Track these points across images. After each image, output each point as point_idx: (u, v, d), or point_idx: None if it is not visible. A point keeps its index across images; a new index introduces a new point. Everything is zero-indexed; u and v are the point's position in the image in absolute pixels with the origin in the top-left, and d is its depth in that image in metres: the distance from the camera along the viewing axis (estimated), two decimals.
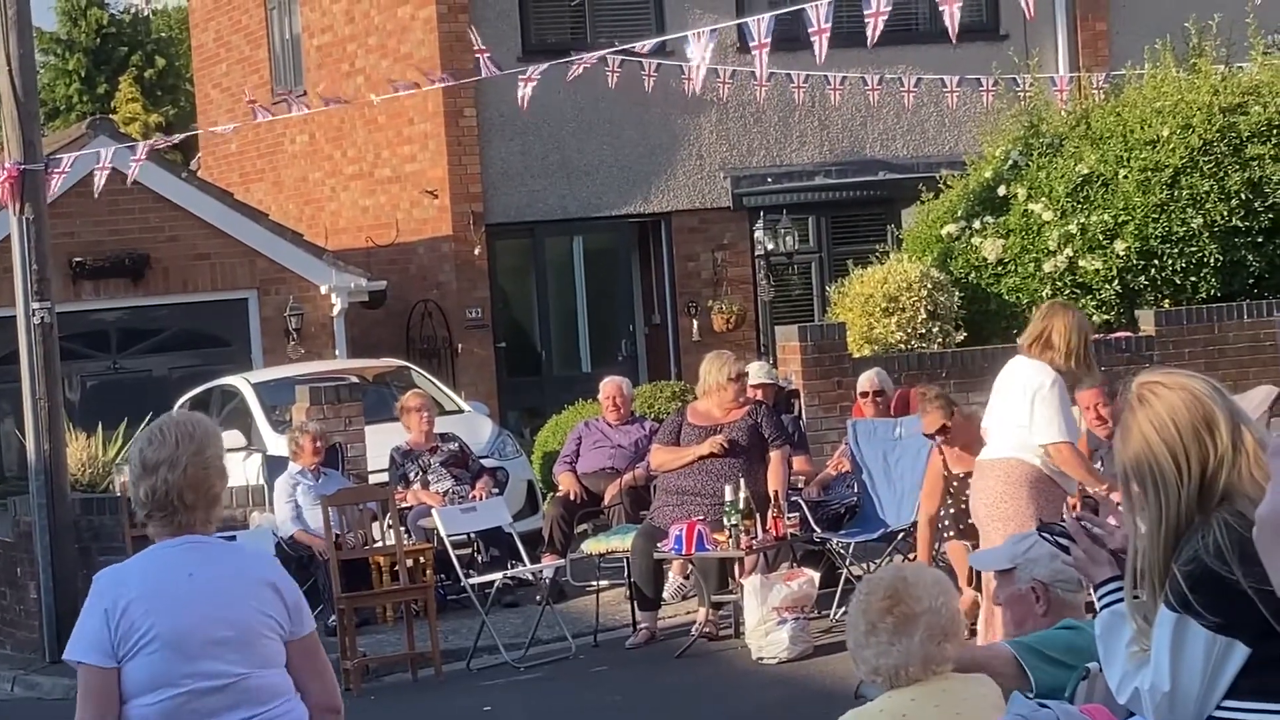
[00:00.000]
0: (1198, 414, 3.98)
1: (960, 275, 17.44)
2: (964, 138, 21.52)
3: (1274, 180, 17.03)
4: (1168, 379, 4.08)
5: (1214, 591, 3.86)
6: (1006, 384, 9.41)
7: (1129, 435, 4.06)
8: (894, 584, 4.66)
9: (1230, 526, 3.88)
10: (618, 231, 22.37)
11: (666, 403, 17.38)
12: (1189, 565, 3.90)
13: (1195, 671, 3.91)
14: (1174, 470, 3.97)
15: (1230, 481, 3.94)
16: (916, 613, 4.59)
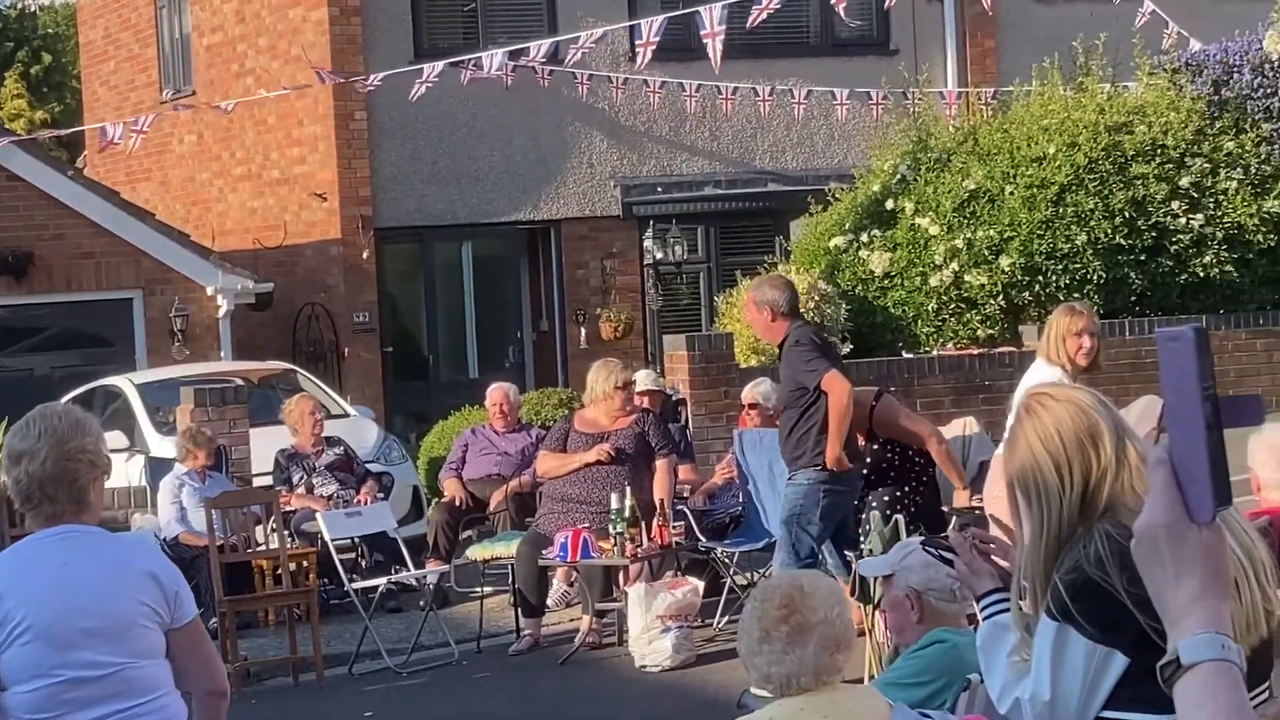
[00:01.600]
0: (1083, 426, 4.03)
1: (847, 288, 17.55)
2: (853, 151, 21.67)
3: (1157, 199, 17.27)
4: (1056, 391, 4.14)
5: (1094, 601, 3.90)
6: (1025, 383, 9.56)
7: (1016, 445, 4.11)
8: (790, 593, 4.68)
9: (1111, 537, 3.93)
10: (507, 238, 22.34)
11: (554, 410, 17.37)
12: (1070, 575, 3.95)
13: (1075, 681, 3.95)
14: (1057, 481, 4.02)
15: (1113, 493, 3.99)
16: (812, 623, 4.61)
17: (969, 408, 15.79)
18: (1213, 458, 1.82)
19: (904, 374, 16.71)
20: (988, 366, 16.87)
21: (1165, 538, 1.83)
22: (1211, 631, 1.80)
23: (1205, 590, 1.82)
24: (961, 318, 17.38)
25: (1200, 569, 1.82)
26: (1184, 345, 1.83)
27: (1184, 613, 1.82)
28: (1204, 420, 1.82)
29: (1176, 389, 1.85)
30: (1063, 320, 9.51)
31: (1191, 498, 1.84)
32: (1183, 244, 17.28)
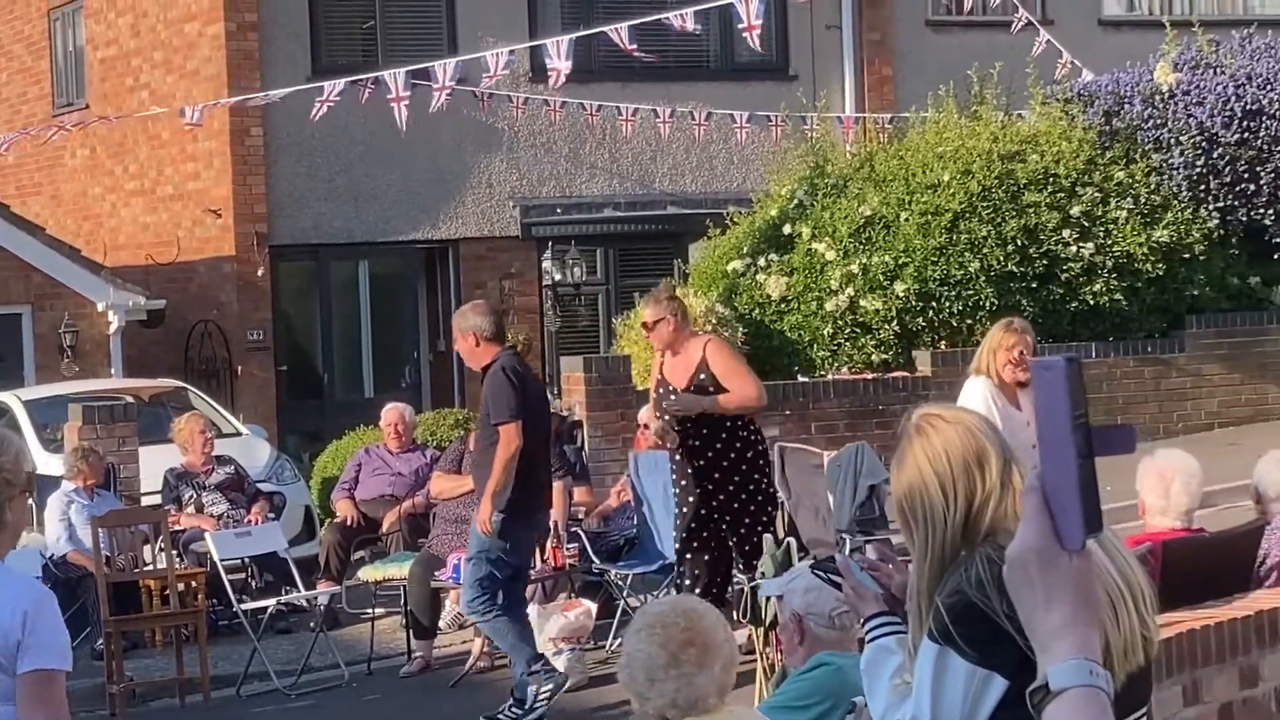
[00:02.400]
0: (970, 450, 4.06)
1: (744, 311, 17.61)
2: (752, 175, 21.76)
3: (1048, 227, 17.44)
4: (946, 413, 4.16)
5: (975, 624, 3.93)
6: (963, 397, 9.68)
7: (904, 465, 4.13)
8: (689, 616, 4.70)
9: (992, 560, 3.96)
10: (404, 257, 22.27)
11: (449, 430, 17.31)
12: (951, 598, 3.98)
13: (955, 704, 3.97)
14: (942, 501, 4.04)
15: (996, 518, 4.02)
16: (716, 643, 4.65)
17: (863, 432, 15.89)
18: (1083, 486, 1.84)
19: (799, 397, 16.78)
20: (882, 391, 16.97)
21: (1036, 564, 1.85)
22: (1080, 658, 1.82)
23: (1075, 617, 1.84)
24: (856, 342, 17.48)
25: (1070, 596, 1.84)
26: (1056, 375, 1.85)
27: (1053, 639, 1.84)
28: (1075, 449, 1.84)
29: (1049, 417, 1.88)
30: (997, 334, 9.68)
31: (1062, 525, 1.86)
32: (1073, 272, 17.46)
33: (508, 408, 9.99)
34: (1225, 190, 17.89)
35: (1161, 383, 17.95)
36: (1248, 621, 6.29)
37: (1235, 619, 6.26)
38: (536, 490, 10.22)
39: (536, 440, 10.24)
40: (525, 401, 10.05)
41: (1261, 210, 17.89)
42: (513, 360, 10.23)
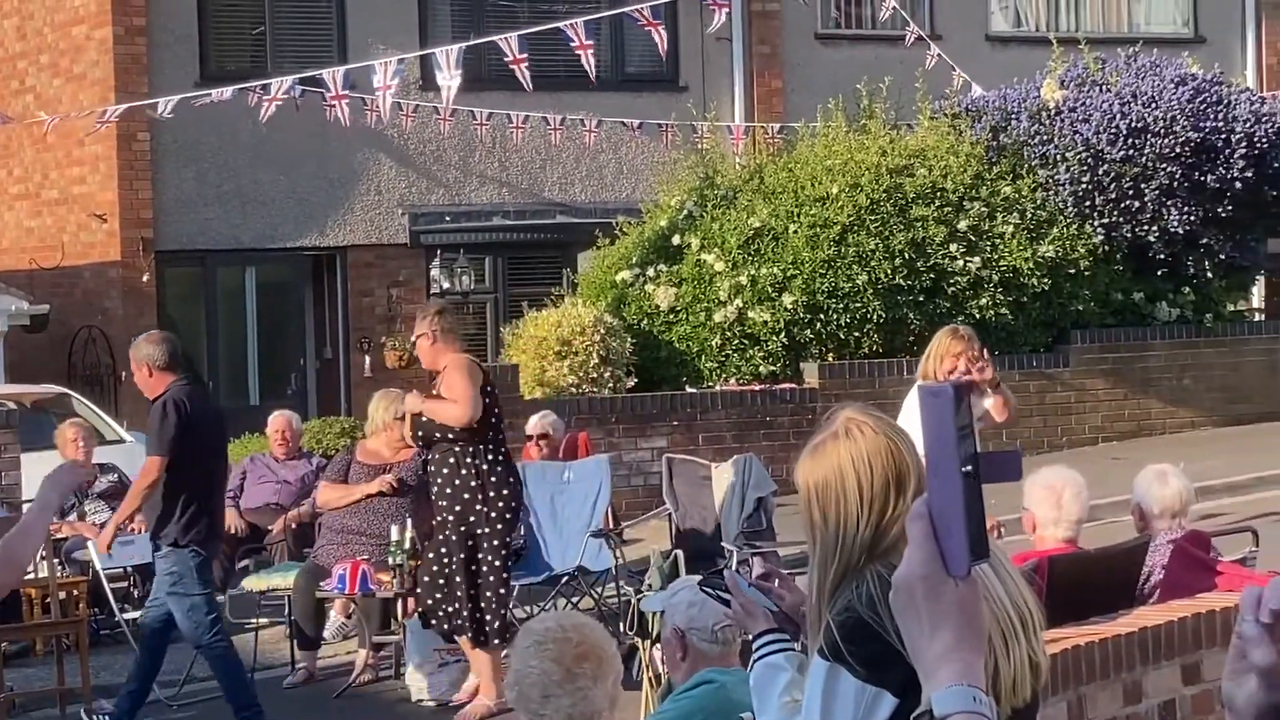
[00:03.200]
0: (892, 466, 4.05)
1: (633, 321, 17.63)
2: (641, 185, 21.79)
3: (936, 241, 17.58)
4: (876, 423, 4.14)
5: (865, 642, 3.93)
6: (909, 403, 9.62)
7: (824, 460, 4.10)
8: (580, 631, 4.69)
9: (883, 578, 3.96)
10: (292, 264, 22.12)
11: (335, 439, 17.21)
12: (842, 615, 3.98)
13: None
14: (857, 509, 4.03)
15: (895, 539, 4.03)
16: (609, 656, 4.65)
17: (750, 443, 15.96)
18: (970, 513, 1.85)
19: (687, 409, 16.82)
20: (769, 402, 17.04)
21: (921, 590, 1.85)
22: (964, 685, 1.82)
23: (959, 643, 1.84)
24: (744, 354, 17.54)
25: (955, 622, 1.84)
26: (944, 401, 1.85)
27: (938, 665, 1.84)
28: (962, 476, 1.84)
29: (936, 444, 1.88)
30: (944, 341, 9.71)
31: (948, 552, 1.86)
32: (960, 286, 17.61)
33: (158, 442, 10.05)
34: (1110, 206, 18.10)
35: (1046, 397, 18.13)
36: (1131, 638, 6.34)
37: (1120, 635, 6.31)
38: (208, 520, 10.20)
39: (208, 470, 10.22)
40: (188, 435, 10.01)
41: (1145, 227, 18.12)
42: (181, 392, 10.20)
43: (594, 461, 13.06)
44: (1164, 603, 6.96)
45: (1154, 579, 7.26)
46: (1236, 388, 18.97)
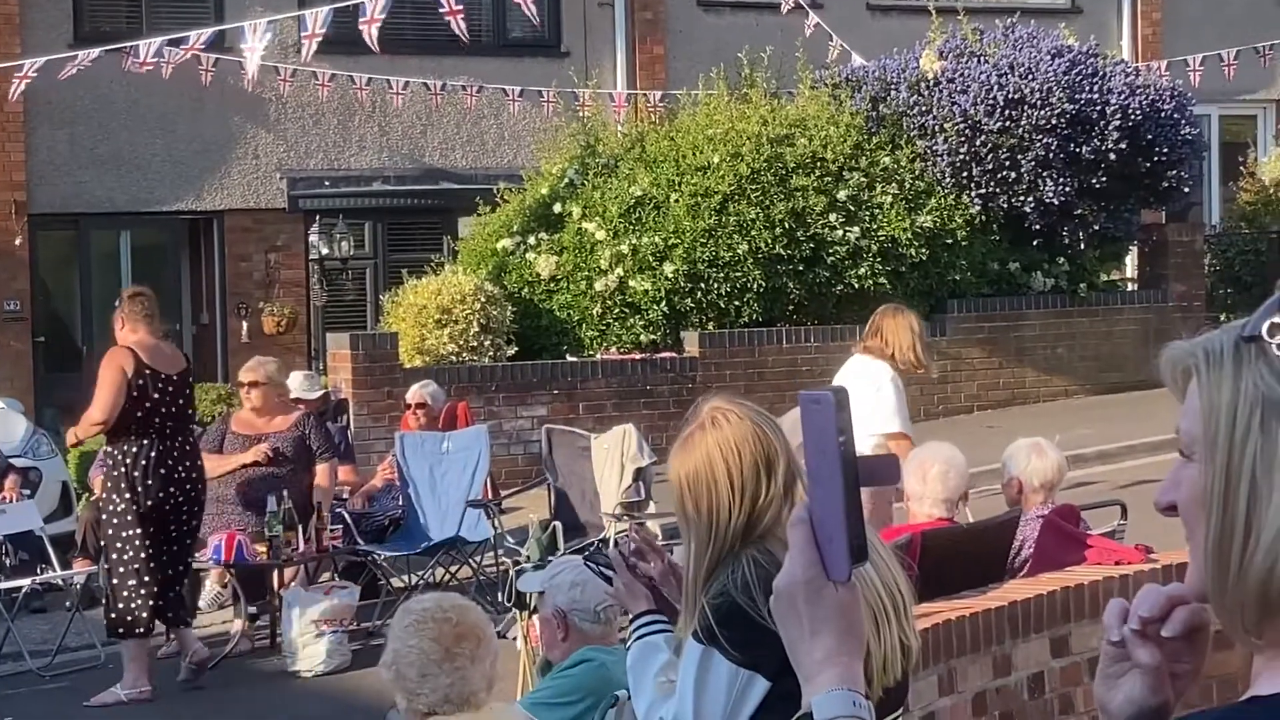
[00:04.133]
0: (760, 451, 4.09)
1: (514, 290, 17.60)
2: (523, 152, 21.72)
3: (815, 211, 17.66)
4: (740, 410, 4.18)
5: (739, 627, 3.97)
6: (853, 374, 9.75)
7: (693, 451, 4.13)
8: (458, 611, 4.70)
9: (758, 563, 4.00)
10: (168, 228, 21.88)
11: (211, 405, 17.09)
12: (717, 599, 4.01)
13: (718, 704, 4.01)
14: (729, 497, 4.07)
15: (769, 524, 4.07)
16: (487, 637, 4.67)
17: (631, 412, 15.99)
18: (850, 518, 1.86)
19: (568, 377, 16.83)
20: (650, 371, 17.09)
21: (802, 596, 1.86)
22: (844, 689, 1.84)
23: (839, 647, 1.86)
24: (625, 322, 17.56)
25: (835, 627, 1.86)
26: (824, 408, 1.87)
27: (818, 669, 1.86)
28: (843, 481, 1.86)
29: (817, 450, 1.89)
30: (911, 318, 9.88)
31: (829, 556, 1.88)
32: (839, 255, 17.71)
33: None
34: (987, 177, 18.26)
35: None
36: (1001, 612, 6.44)
37: (990, 609, 6.40)
38: None
39: None
40: None
41: (1021, 198, 18.29)
42: None
43: (473, 431, 13.05)
44: (1034, 576, 7.07)
45: (1024, 553, 7.36)
46: (1109, 357, 19.22)
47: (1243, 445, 1.60)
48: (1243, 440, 1.60)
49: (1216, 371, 1.64)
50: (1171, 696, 1.76)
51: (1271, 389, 1.60)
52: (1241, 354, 1.63)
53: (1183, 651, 1.76)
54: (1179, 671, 1.77)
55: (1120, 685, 1.79)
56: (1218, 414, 1.63)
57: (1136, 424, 16.37)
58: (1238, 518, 1.60)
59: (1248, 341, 1.63)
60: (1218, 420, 1.62)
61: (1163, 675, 1.76)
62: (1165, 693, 1.76)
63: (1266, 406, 1.59)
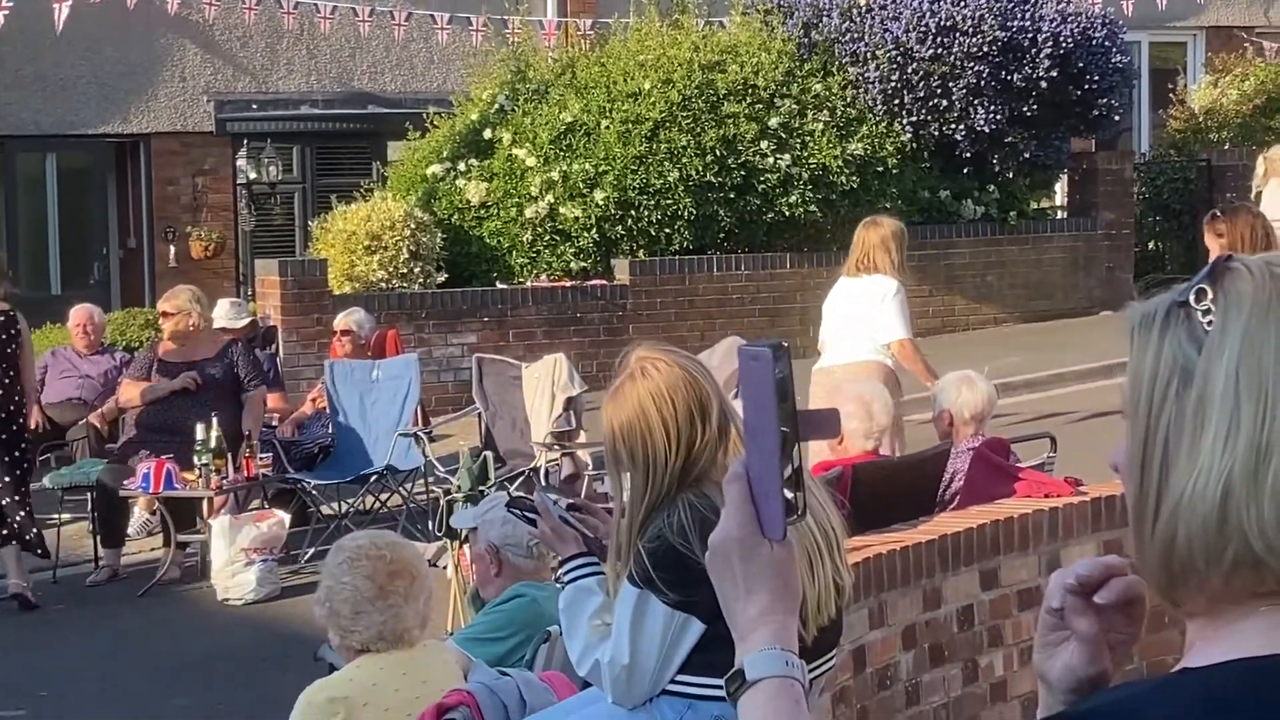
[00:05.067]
0: (693, 396, 4.11)
1: (444, 216, 17.51)
2: (453, 76, 21.58)
3: (747, 138, 17.62)
4: (667, 358, 4.19)
5: (675, 570, 3.98)
6: (850, 296, 9.99)
7: (624, 403, 4.15)
8: (394, 548, 4.70)
9: (694, 506, 4.01)
10: (94, 151, 21.66)
11: (139, 331, 16.96)
12: (653, 543, 4.03)
13: (653, 646, 4.03)
14: (665, 445, 4.09)
15: (704, 467, 4.08)
16: (421, 575, 4.67)
17: (561, 340, 15.97)
18: (787, 475, 1.85)
19: (498, 305, 16.78)
20: (580, 299, 17.05)
21: (737, 553, 1.85)
22: (776, 648, 1.83)
23: (773, 605, 1.85)
24: (556, 250, 17.50)
25: (769, 584, 1.85)
26: (763, 363, 1.85)
27: (751, 627, 1.85)
28: (780, 437, 1.85)
29: (755, 405, 1.87)
30: (898, 232, 10.05)
31: (765, 514, 1.86)
32: (770, 183, 17.69)
33: None
34: (919, 105, 18.26)
35: None
36: (932, 545, 6.47)
37: (920, 543, 6.43)
38: None
39: None
40: None
41: (953, 125, 18.30)
42: None
43: (403, 360, 13.00)
44: (964, 509, 7.11)
45: (954, 485, 7.40)
46: (1039, 284, 19.30)
47: (1159, 411, 1.61)
48: (1159, 406, 1.61)
49: (1145, 335, 1.64)
50: (1109, 666, 1.77)
51: (1188, 357, 1.60)
52: (1170, 319, 1.63)
53: (1119, 621, 1.77)
54: (1115, 642, 1.78)
55: (1058, 654, 1.80)
56: (1140, 378, 1.63)
57: (1065, 352, 16.48)
58: (1150, 484, 1.61)
59: (1179, 307, 1.63)
60: (1140, 384, 1.63)
61: (1101, 645, 1.77)
62: (1103, 662, 1.77)
63: (1182, 374, 1.60)
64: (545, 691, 4.67)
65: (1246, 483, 1.55)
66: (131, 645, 10.37)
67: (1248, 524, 1.55)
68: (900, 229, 10.17)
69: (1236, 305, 1.60)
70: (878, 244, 9.91)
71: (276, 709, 8.04)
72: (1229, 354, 1.58)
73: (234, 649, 10.11)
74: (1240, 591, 1.58)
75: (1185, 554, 1.59)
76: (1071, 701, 1.76)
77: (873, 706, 6.19)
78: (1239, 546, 1.56)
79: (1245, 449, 1.56)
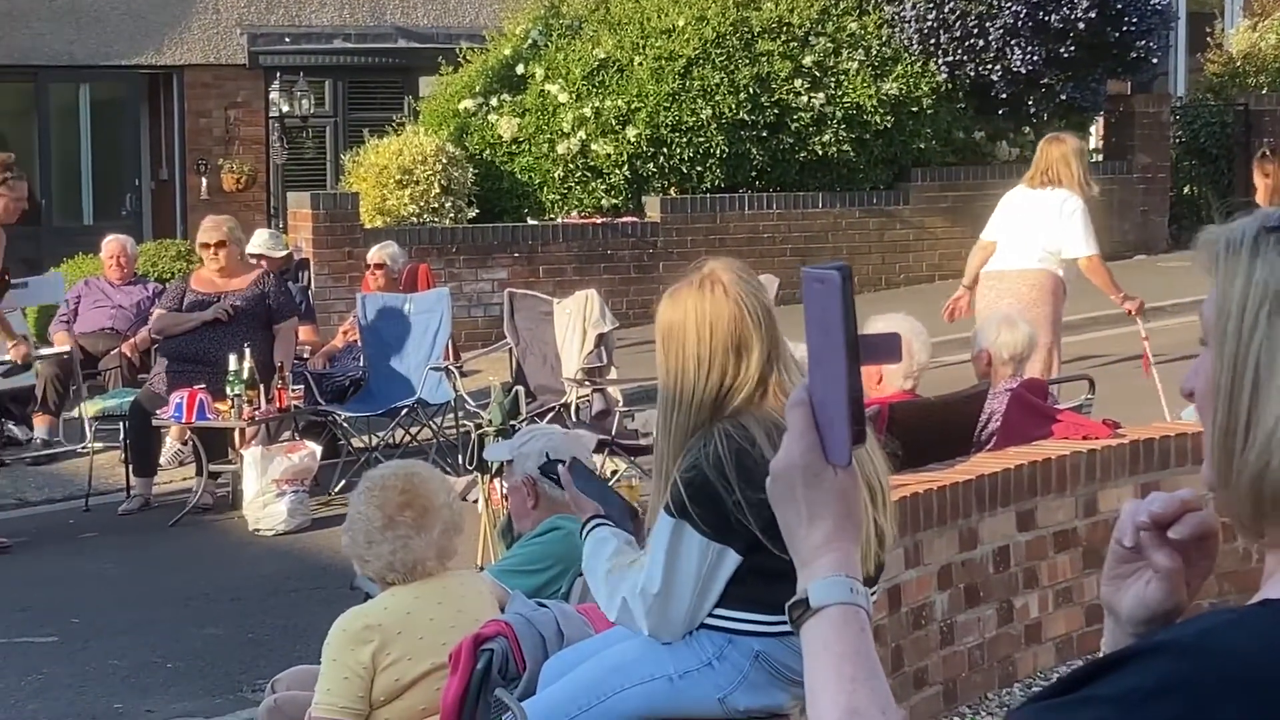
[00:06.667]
0: (733, 333, 4.05)
1: (475, 151, 17.46)
2: (485, 11, 21.50)
3: (781, 76, 17.53)
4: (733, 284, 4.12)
5: (710, 501, 3.96)
6: (1029, 205, 10.24)
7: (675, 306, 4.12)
8: (409, 478, 4.67)
9: (730, 436, 3.98)
10: (127, 82, 21.64)
11: (171, 263, 16.96)
12: (689, 473, 4.00)
13: (689, 575, 4.01)
14: (694, 367, 4.05)
15: (743, 404, 4.04)
16: (435, 506, 4.63)
17: (591, 276, 15.94)
18: (852, 399, 1.82)
19: (529, 241, 16.75)
20: (611, 235, 17.02)
21: (801, 479, 1.83)
22: (841, 575, 1.81)
23: (837, 533, 1.82)
24: (587, 186, 17.46)
25: (833, 511, 1.82)
26: (829, 287, 1.81)
27: (815, 555, 1.82)
28: (845, 362, 1.82)
29: (820, 329, 1.84)
30: (1080, 148, 10.43)
31: (829, 440, 1.83)
32: (803, 122, 17.60)
33: None
34: (954, 45, 18.13)
35: (886, 234, 18.25)
36: (969, 485, 6.44)
37: (957, 483, 6.41)
38: None
39: None
40: None
41: (989, 66, 18.18)
42: None
43: (434, 294, 12.97)
44: (1001, 450, 7.07)
45: (992, 426, 7.36)
46: None
47: (1250, 337, 1.58)
48: (1250, 332, 1.58)
49: (1233, 260, 1.61)
50: (1185, 599, 1.75)
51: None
52: (1260, 244, 1.60)
53: (1193, 555, 1.75)
54: (1189, 575, 1.76)
55: (1129, 586, 1.78)
56: (1229, 303, 1.60)
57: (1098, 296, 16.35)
58: (1239, 411, 1.58)
59: (1269, 232, 1.60)
60: (1228, 310, 1.60)
61: (1179, 579, 1.75)
62: (1180, 595, 1.75)
63: (1275, 300, 1.57)
64: (582, 624, 4.66)
65: None
66: (163, 574, 10.40)
67: None
68: (1081, 146, 10.48)
69: None
70: (1060, 159, 10.15)
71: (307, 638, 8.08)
72: None
73: (265, 579, 10.13)
74: None
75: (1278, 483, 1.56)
76: (1142, 634, 1.74)
77: (907, 646, 6.18)
78: None
79: None
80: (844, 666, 1.76)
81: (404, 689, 4.61)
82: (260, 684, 7.12)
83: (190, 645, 8.72)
